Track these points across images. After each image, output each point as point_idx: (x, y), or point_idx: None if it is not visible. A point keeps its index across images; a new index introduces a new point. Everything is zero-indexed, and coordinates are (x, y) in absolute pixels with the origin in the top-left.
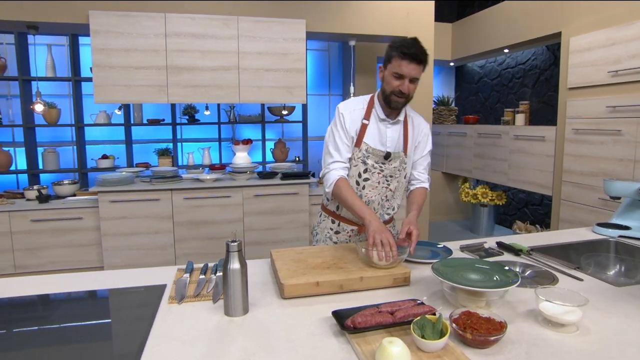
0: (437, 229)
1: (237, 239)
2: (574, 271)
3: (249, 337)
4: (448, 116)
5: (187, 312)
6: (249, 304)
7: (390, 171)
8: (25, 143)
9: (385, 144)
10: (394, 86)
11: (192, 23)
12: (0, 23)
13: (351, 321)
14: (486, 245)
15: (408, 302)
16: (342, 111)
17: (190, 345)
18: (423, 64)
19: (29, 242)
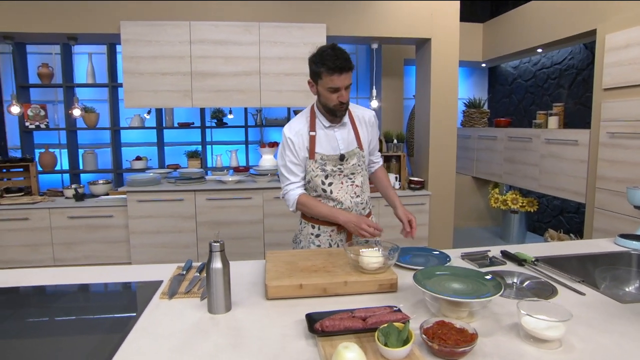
0: (465, 236)
1: (220, 240)
2: (577, 284)
3: (224, 334)
4: (479, 119)
5: (174, 308)
6: (234, 302)
7: (350, 169)
8: (67, 145)
9: (338, 147)
10: (334, 100)
11: (215, 30)
12: (45, 35)
13: (320, 324)
14: (490, 254)
15: (384, 309)
16: (288, 136)
17: (166, 339)
18: (351, 69)
19: (66, 237)
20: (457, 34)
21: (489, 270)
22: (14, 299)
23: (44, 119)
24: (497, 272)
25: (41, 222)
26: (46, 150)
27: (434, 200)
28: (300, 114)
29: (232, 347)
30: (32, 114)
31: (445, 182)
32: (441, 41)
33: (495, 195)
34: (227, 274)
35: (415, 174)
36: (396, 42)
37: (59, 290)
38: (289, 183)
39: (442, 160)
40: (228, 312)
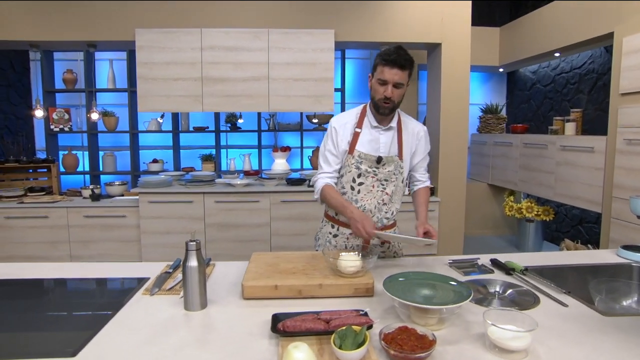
0: (478, 244)
1: (196, 239)
2: (562, 295)
3: (193, 330)
4: (496, 125)
5: (153, 304)
6: (212, 300)
7: (385, 175)
8: (88, 147)
9: (379, 150)
10: (379, 92)
11: (226, 37)
12: (66, 43)
13: (282, 325)
14: (479, 262)
15: (350, 312)
16: (334, 125)
17: (136, 333)
18: (406, 69)
19: (83, 235)
20: (468, 39)
21: (474, 279)
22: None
23: (68, 122)
24: (481, 280)
25: (59, 221)
26: (69, 152)
27: (444, 207)
28: (352, 109)
29: (198, 342)
30: (57, 118)
31: (455, 189)
32: (452, 46)
33: (510, 203)
34: (203, 272)
35: None
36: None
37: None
38: (321, 172)
39: (453, 167)
40: (203, 309)
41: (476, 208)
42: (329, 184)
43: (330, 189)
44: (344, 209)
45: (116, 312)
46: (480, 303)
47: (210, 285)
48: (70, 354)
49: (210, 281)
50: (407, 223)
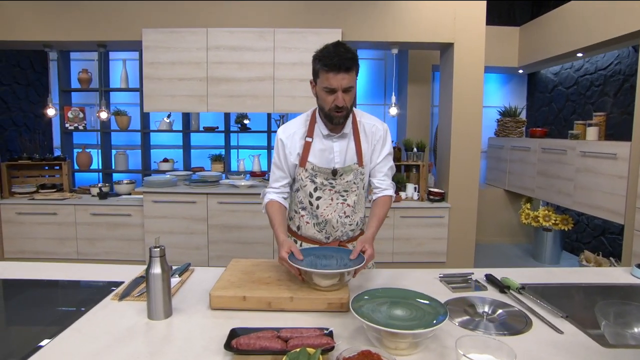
0: (492, 253)
1: (161, 245)
2: (559, 320)
3: (149, 341)
4: (514, 128)
5: (118, 310)
6: (179, 309)
7: (343, 186)
8: (100, 145)
9: (333, 160)
10: (329, 102)
11: (231, 36)
12: (77, 43)
13: (236, 342)
14: (473, 277)
15: (313, 331)
16: (280, 137)
17: (92, 342)
18: (352, 70)
19: (89, 232)
20: (482, 39)
21: (462, 296)
22: None
23: (83, 121)
24: (470, 298)
25: (67, 218)
26: (83, 150)
27: (454, 213)
28: (300, 116)
29: (149, 355)
30: (72, 116)
31: (467, 195)
32: (465, 46)
33: (527, 210)
34: (167, 280)
35: (437, 185)
36: (417, 47)
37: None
38: (268, 187)
39: (464, 172)
40: (167, 319)
41: (491, 215)
42: (273, 200)
43: (271, 207)
44: (276, 233)
45: (78, 318)
46: (466, 325)
47: (183, 291)
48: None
49: (185, 287)
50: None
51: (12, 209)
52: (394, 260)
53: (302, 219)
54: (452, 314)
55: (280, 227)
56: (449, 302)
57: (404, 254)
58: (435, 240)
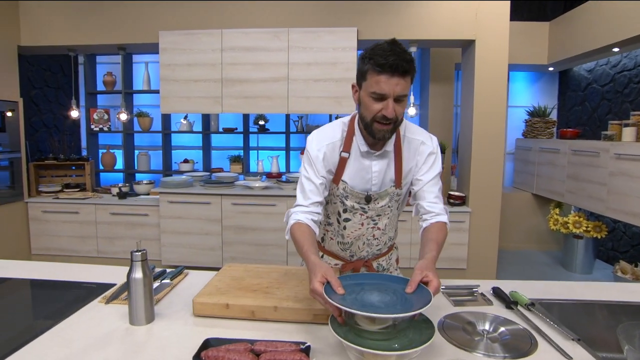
0: (519, 260)
1: (142, 249)
2: (569, 343)
3: (123, 347)
4: (544, 129)
5: (102, 314)
6: (163, 314)
7: (376, 211)
8: (123, 146)
9: (371, 181)
10: (375, 111)
11: (245, 37)
12: (99, 47)
13: (205, 354)
14: (479, 290)
15: (289, 345)
16: (314, 147)
17: (67, 346)
18: (409, 75)
19: (109, 231)
20: (506, 35)
21: (464, 311)
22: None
23: (107, 122)
24: (471, 314)
25: (88, 217)
26: (107, 151)
27: (475, 218)
28: (335, 124)
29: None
30: (97, 118)
31: (489, 199)
32: (487, 43)
33: (555, 216)
34: (148, 285)
35: (458, 189)
36: (436, 44)
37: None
38: (296, 204)
39: (487, 175)
40: (149, 324)
41: (519, 220)
42: (301, 222)
43: (298, 229)
44: (305, 255)
45: (60, 321)
46: (465, 345)
47: (171, 296)
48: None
49: (174, 292)
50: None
51: (38, 208)
52: (411, 265)
53: (327, 233)
54: (449, 331)
55: (310, 249)
56: (446, 317)
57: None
58: (455, 246)
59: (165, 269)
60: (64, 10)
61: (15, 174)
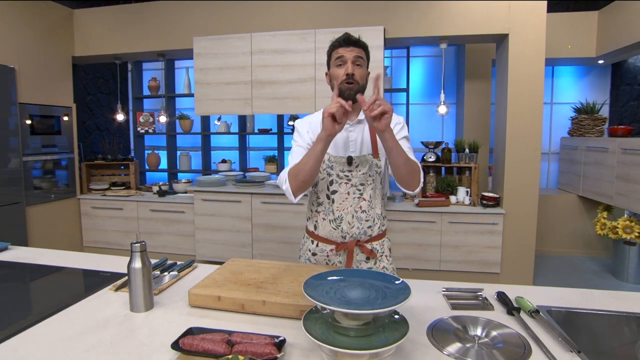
0: (563, 266)
1: (142, 241)
2: (568, 355)
3: (116, 332)
4: (592, 127)
5: (108, 300)
6: (162, 303)
7: (359, 179)
8: (167, 147)
9: (349, 148)
10: (340, 75)
11: (273, 40)
12: (140, 54)
13: (182, 341)
14: (482, 295)
15: (264, 338)
16: (298, 126)
17: (70, 328)
18: (361, 47)
19: (150, 227)
20: (542, 27)
21: (460, 315)
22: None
23: (152, 124)
24: (467, 318)
25: (131, 213)
26: (152, 152)
27: (510, 220)
28: (317, 112)
29: (110, 345)
30: (143, 121)
31: (524, 201)
32: (521, 37)
33: (602, 220)
34: (147, 274)
35: (493, 189)
36: (466, 40)
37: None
38: (288, 167)
39: (522, 174)
40: (148, 311)
41: (563, 223)
42: None
43: (294, 166)
44: (317, 143)
45: (72, 304)
46: (452, 351)
47: (175, 287)
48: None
49: (179, 283)
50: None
51: (88, 203)
52: (441, 268)
53: (319, 215)
54: (438, 334)
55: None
56: (439, 320)
57: (452, 262)
58: (488, 249)
59: (175, 262)
60: (110, 20)
61: (69, 173)
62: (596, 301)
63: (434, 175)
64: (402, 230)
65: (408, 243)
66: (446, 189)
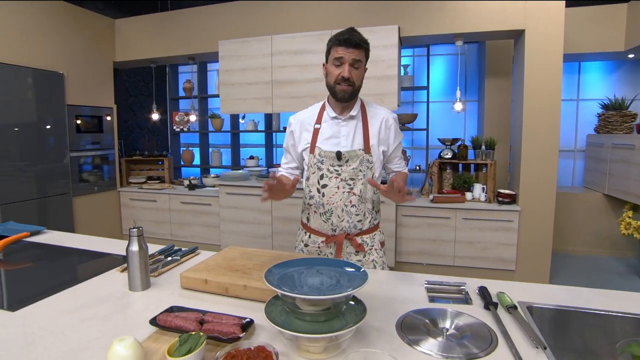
0: (585, 266)
1: (139, 226)
2: (534, 351)
3: (112, 307)
4: (620, 123)
5: (113, 280)
6: (159, 284)
7: (349, 174)
8: (199, 145)
9: (340, 143)
10: (336, 74)
11: (292, 41)
12: (173, 58)
13: (159, 318)
14: (465, 289)
15: (232, 319)
16: (291, 122)
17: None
18: (362, 48)
19: (180, 218)
20: (560, 22)
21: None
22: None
23: (187, 123)
24: (438, 310)
25: (164, 205)
26: (187, 149)
27: (525, 218)
28: (312, 106)
29: (103, 317)
30: (179, 120)
31: (541, 199)
32: (538, 32)
33: (627, 219)
34: (143, 257)
35: (508, 186)
36: (482, 37)
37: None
38: (280, 165)
39: (538, 171)
40: (144, 291)
41: (588, 222)
42: (283, 174)
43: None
44: None
45: (80, 282)
46: (416, 342)
47: (175, 270)
48: (13, 309)
49: (179, 267)
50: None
51: (127, 195)
52: (455, 263)
53: (310, 208)
54: (407, 327)
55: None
56: (412, 312)
57: (466, 258)
58: (503, 246)
59: (180, 248)
60: (146, 28)
61: (110, 168)
62: (583, 299)
63: (450, 172)
64: (417, 225)
65: (422, 238)
66: (462, 185)
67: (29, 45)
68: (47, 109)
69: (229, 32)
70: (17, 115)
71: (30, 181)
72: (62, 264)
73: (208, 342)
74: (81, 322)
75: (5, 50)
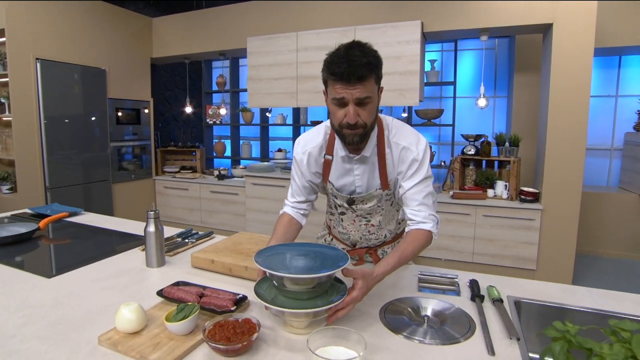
0: (615, 269)
1: (156, 209)
2: (507, 341)
3: (129, 279)
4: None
5: (135, 257)
6: (173, 262)
7: (365, 211)
8: (230, 137)
9: (354, 184)
10: (340, 118)
11: (317, 37)
12: (204, 54)
13: (164, 289)
14: (457, 281)
15: (228, 294)
16: (295, 154)
17: (98, 273)
18: (368, 79)
19: (209, 206)
20: (592, 15)
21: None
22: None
23: (219, 116)
24: (416, 299)
25: (195, 193)
26: (219, 141)
27: (548, 217)
28: (319, 128)
29: (122, 287)
30: (212, 113)
31: (565, 198)
32: (567, 26)
33: None
34: (159, 237)
35: (533, 184)
36: (508, 32)
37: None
38: (287, 200)
39: (563, 172)
40: (160, 267)
41: (621, 224)
42: (285, 213)
43: (280, 219)
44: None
45: (107, 257)
46: (397, 329)
47: (189, 251)
48: (49, 276)
49: (194, 249)
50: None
51: (162, 184)
52: (474, 260)
53: (331, 221)
54: (390, 315)
55: (272, 241)
56: (397, 299)
57: (485, 255)
58: (524, 244)
59: (197, 232)
60: (180, 26)
61: (147, 157)
62: (576, 298)
63: (473, 168)
64: None
65: (441, 234)
66: (485, 182)
67: (76, 43)
68: (92, 102)
69: (257, 29)
70: (67, 109)
71: (77, 168)
72: (93, 241)
73: (204, 313)
74: (102, 290)
75: (56, 49)
